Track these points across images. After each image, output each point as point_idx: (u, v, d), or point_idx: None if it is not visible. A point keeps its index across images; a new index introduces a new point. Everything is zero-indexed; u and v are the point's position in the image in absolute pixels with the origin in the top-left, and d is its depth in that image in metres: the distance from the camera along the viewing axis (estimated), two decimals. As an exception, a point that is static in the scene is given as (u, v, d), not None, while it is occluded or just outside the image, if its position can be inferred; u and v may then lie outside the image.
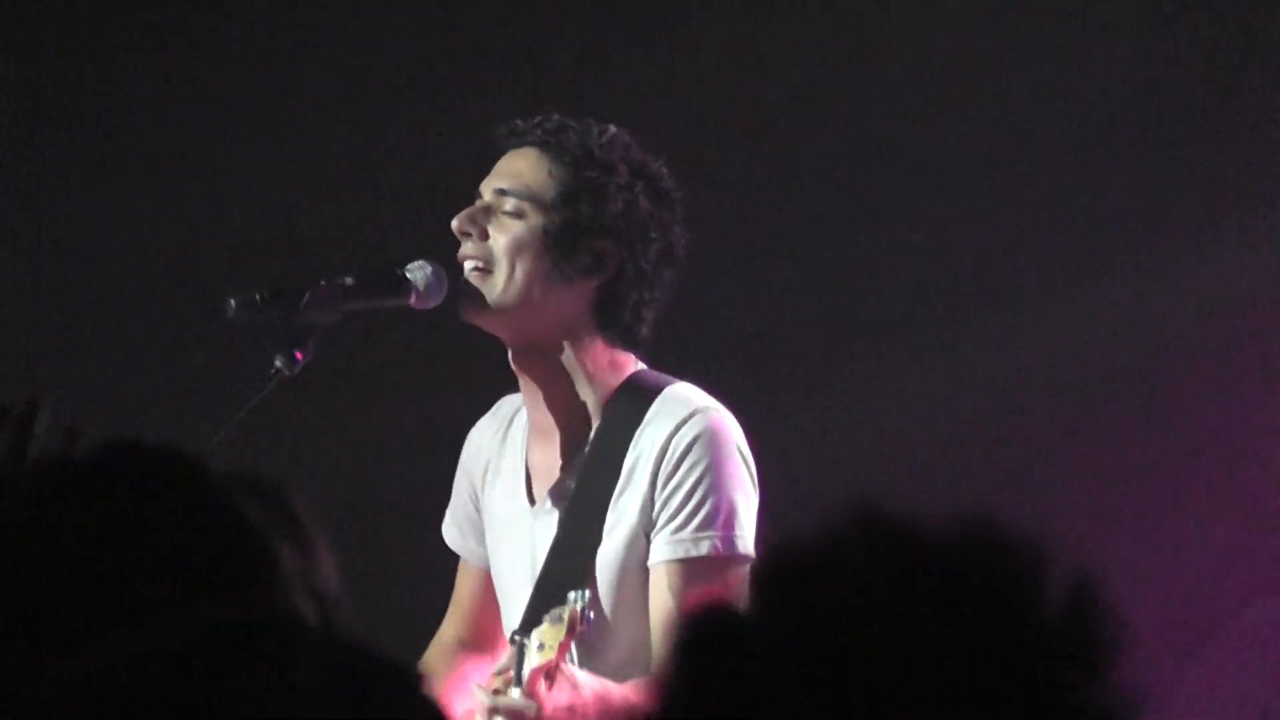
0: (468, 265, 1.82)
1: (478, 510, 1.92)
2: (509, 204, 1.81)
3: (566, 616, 1.68)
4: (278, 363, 1.82)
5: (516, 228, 1.80)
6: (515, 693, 1.68)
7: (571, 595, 1.70)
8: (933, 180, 3.25)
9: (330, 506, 1.92)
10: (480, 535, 1.91)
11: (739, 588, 1.73)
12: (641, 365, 1.85)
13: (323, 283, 1.86)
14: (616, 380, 1.82)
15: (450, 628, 1.97)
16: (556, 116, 1.83)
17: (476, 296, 1.80)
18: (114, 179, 3.17)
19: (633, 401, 1.80)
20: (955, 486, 2.89)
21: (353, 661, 0.68)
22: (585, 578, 1.79)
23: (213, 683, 0.69)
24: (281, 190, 2.82)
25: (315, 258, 2.27)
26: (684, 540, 1.75)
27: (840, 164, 3.26)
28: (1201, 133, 3.25)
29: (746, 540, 1.74)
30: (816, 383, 2.92)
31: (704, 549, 1.74)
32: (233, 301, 1.83)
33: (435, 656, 1.93)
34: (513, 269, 1.80)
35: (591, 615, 1.70)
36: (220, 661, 0.69)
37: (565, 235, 1.78)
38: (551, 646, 1.67)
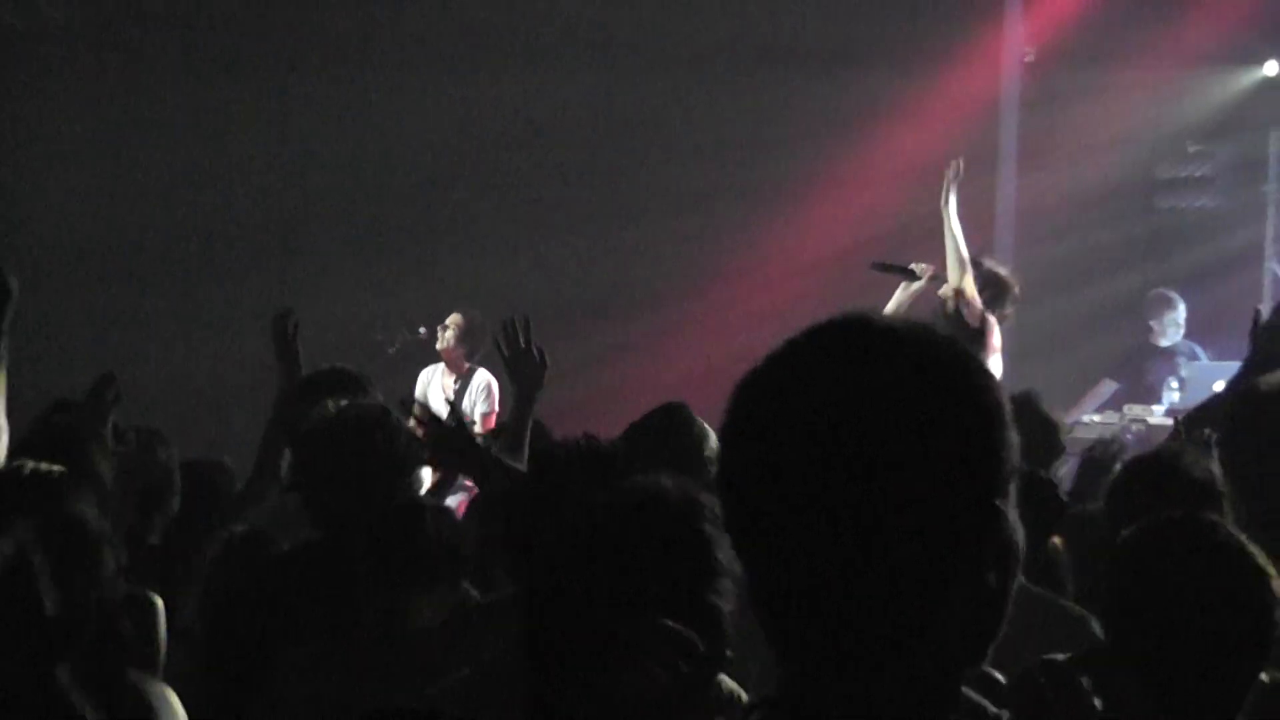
0: (441, 338, 6.78)
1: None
2: (451, 325, 6.76)
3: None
4: (390, 350, 7.49)
5: (451, 331, 6.75)
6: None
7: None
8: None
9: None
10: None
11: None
12: (479, 368, 6.76)
13: (405, 332, 7.55)
14: (470, 364, 6.72)
15: None
16: (464, 307, 6.84)
17: (443, 345, 6.79)
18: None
19: (474, 369, 6.69)
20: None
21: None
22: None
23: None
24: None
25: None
26: (482, 405, 6.56)
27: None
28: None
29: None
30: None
31: (489, 409, 6.54)
32: (391, 349, 7.49)
33: None
34: (450, 340, 6.74)
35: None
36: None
37: (465, 334, 6.70)
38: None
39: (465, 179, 8.28)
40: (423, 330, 6.91)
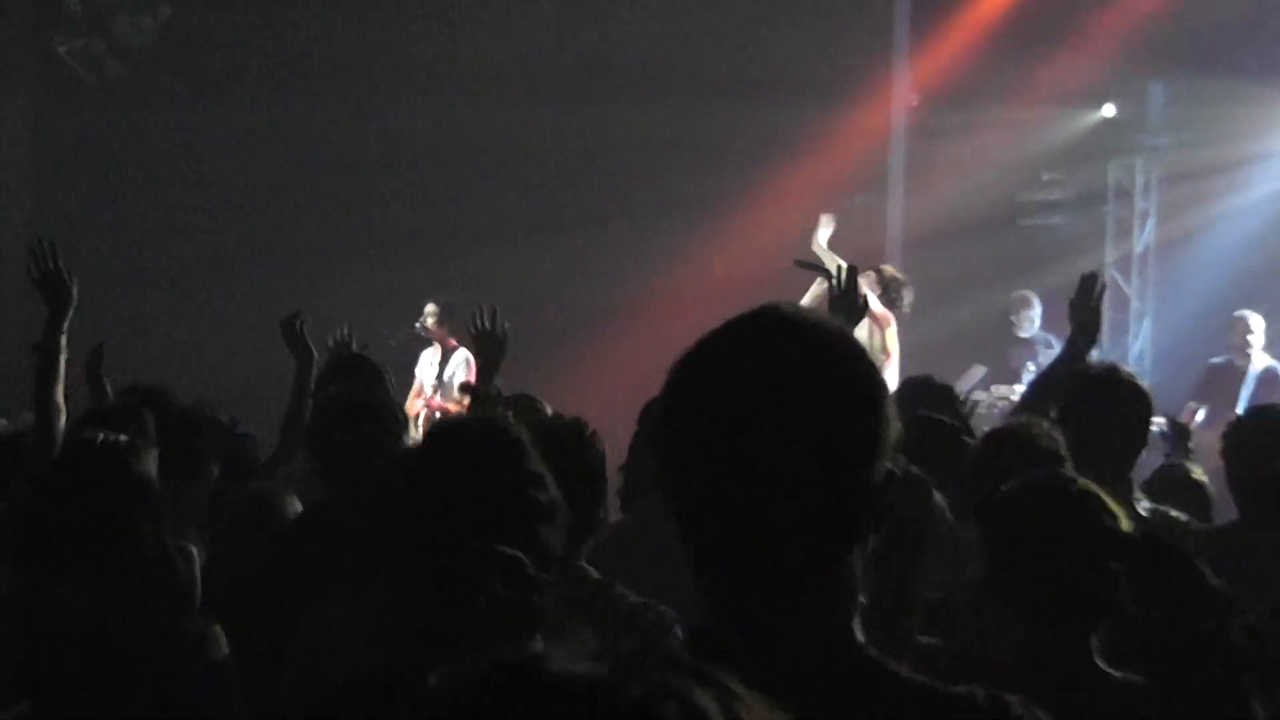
0: (425, 321, 7.70)
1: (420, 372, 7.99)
2: (429, 314, 7.57)
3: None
4: (391, 343, 7.69)
5: (430, 319, 7.54)
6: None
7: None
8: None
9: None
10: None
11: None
12: (461, 346, 7.40)
13: (404, 328, 7.95)
14: (455, 341, 7.38)
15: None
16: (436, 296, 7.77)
17: (431, 329, 7.64)
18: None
19: (457, 347, 7.30)
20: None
21: None
22: (441, 385, 7.50)
23: None
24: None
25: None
26: (461, 374, 7.04)
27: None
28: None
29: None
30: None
31: (466, 378, 6.11)
32: (392, 342, 7.69)
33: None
34: (432, 324, 7.48)
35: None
36: None
37: (442, 316, 7.50)
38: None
39: (453, 190, 8.98)
40: (417, 326, 8.01)
